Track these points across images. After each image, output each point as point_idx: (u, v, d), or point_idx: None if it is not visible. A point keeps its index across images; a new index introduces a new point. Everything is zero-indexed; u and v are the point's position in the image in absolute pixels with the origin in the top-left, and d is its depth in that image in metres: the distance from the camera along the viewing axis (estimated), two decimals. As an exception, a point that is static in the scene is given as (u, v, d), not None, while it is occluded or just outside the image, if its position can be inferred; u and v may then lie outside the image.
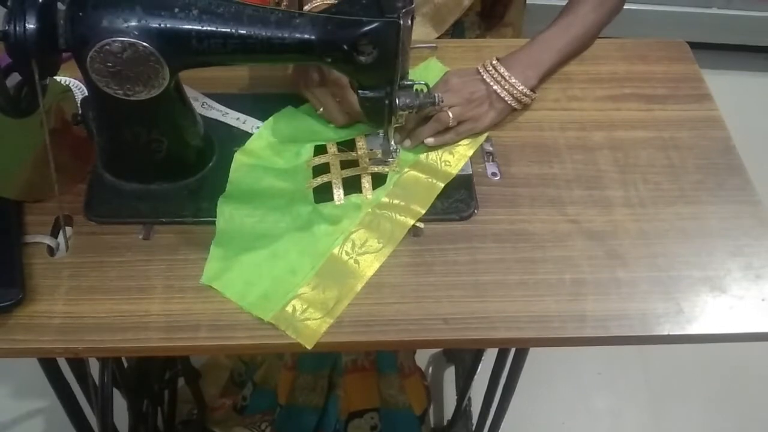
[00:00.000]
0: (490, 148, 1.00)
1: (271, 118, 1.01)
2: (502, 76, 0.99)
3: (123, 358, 1.22)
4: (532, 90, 1.01)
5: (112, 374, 1.11)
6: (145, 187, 0.92)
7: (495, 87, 0.99)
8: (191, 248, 0.88)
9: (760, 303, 0.86)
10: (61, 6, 0.77)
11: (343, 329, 0.82)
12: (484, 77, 1.00)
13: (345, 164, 0.96)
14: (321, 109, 1.00)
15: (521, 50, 1.04)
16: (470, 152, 0.99)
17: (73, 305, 0.83)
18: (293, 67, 1.02)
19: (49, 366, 1.01)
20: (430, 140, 0.97)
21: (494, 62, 1.00)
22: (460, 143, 0.99)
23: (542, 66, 1.03)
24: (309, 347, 0.81)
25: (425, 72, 1.07)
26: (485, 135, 1.01)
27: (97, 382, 1.09)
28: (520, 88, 0.99)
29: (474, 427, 1.44)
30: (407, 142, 0.98)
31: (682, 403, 1.75)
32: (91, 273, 0.85)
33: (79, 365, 1.07)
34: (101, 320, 0.81)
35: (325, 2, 1.00)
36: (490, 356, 1.26)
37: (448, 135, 0.98)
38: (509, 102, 1.00)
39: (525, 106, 1.03)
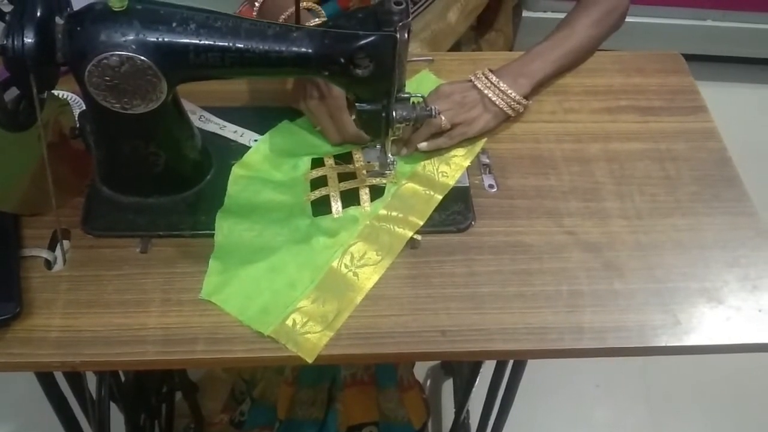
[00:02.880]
0: (487, 160, 1.01)
1: (268, 133, 1.01)
2: (493, 84, 1.00)
3: (120, 372, 1.22)
4: (525, 98, 1.02)
5: (109, 388, 1.11)
6: (143, 200, 0.92)
7: (487, 92, 1.00)
8: (189, 261, 0.88)
9: (757, 314, 0.86)
10: (59, 20, 0.77)
11: (341, 342, 0.82)
12: (476, 84, 1.01)
13: (343, 177, 0.96)
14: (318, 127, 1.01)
15: (514, 61, 1.05)
16: (467, 162, 0.99)
17: (71, 319, 0.82)
18: (294, 82, 1.03)
19: (46, 380, 1.00)
20: (423, 145, 0.98)
21: (485, 71, 1.01)
22: (456, 154, 1.00)
23: (535, 75, 1.03)
24: (310, 361, 0.80)
25: (419, 85, 1.08)
26: (481, 145, 1.01)
27: (94, 396, 1.09)
28: (512, 94, 1.00)
29: (472, 440, 1.44)
30: (404, 151, 0.98)
31: (681, 415, 1.75)
32: (88, 286, 0.85)
33: (76, 379, 1.07)
34: (99, 334, 0.81)
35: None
36: (488, 368, 1.25)
37: (441, 139, 0.98)
38: (501, 107, 1.00)
39: (518, 114, 1.03)
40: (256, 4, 1.04)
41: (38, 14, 0.75)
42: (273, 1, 1.04)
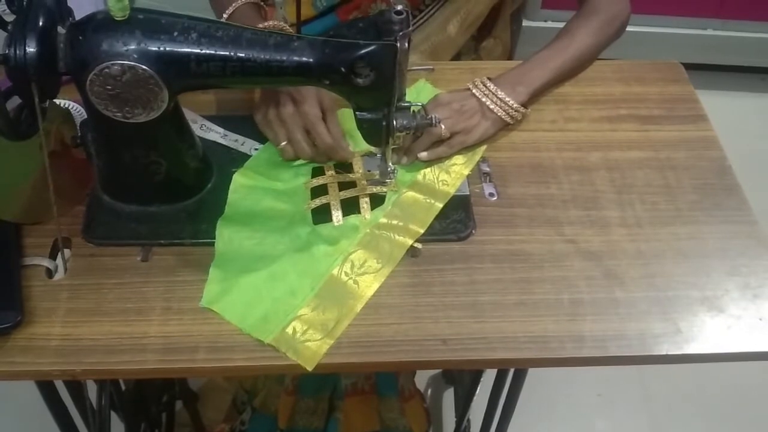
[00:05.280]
0: (487, 169, 1.01)
1: (269, 142, 1.01)
2: (491, 92, 1.00)
3: (121, 381, 1.22)
4: (523, 105, 1.02)
5: (109, 397, 1.11)
6: (144, 209, 0.92)
7: (485, 100, 1.00)
8: (189, 270, 0.88)
9: (757, 322, 0.86)
10: (61, 29, 0.77)
11: (342, 350, 0.82)
12: (474, 92, 1.01)
13: (343, 185, 0.96)
14: (284, 143, 0.98)
15: (513, 69, 1.05)
16: (467, 171, 0.99)
17: (71, 327, 0.82)
18: (261, 95, 1.01)
19: (47, 388, 1.00)
20: (423, 154, 0.98)
21: (483, 80, 1.02)
22: (456, 162, 1.00)
23: (533, 83, 1.04)
24: (309, 369, 0.80)
25: (417, 94, 1.08)
26: (481, 153, 1.01)
27: (94, 405, 1.09)
28: (510, 102, 1.00)
29: (473, 449, 1.44)
30: (404, 159, 0.99)
31: (682, 424, 1.74)
32: (89, 295, 0.85)
33: (76, 388, 1.07)
34: (99, 342, 0.81)
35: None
36: (489, 377, 1.25)
37: (441, 148, 0.99)
38: (500, 115, 1.01)
39: (517, 122, 1.04)
40: None
41: (40, 23, 0.75)
42: None
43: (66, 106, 1.00)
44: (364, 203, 0.94)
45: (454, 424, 1.52)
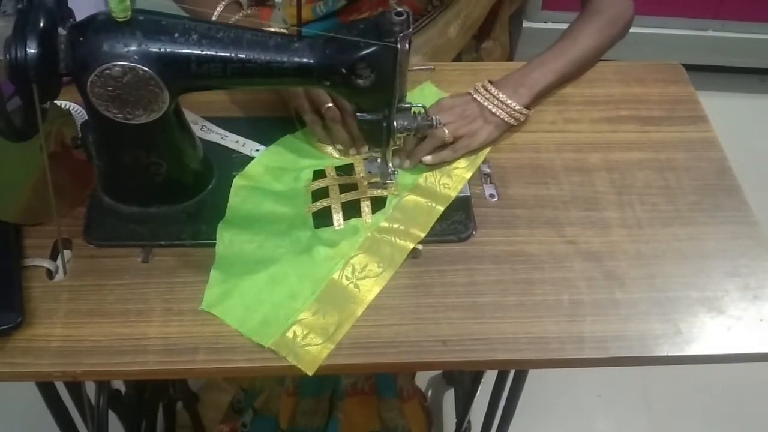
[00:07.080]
0: (488, 170, 1.01)
1: (270, 146, 1.01)
2: (493, 95, 1.00)
3: (121, 381, 1.21)
4: (526, 107, 1.02)
5: (107, 397, 1.11)
6: (144, 210, 0.92)
7: (486, 104, 1.00)
8: (190, 271, 0.88)
9: (758, 323, 0.86)
10: (61, 31, 0.78)
11: (342, 351, 0.82)
12: (476, 97, 1.01)
13: (344, 188, 0.96)
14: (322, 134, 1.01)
15: (516, 71, 1.05)
16: (468, 174, 0.99)
17: (72, 328, 0.82)
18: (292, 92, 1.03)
19: (47, 389, 1.00)
20: (427, 158, 0.98)
21: (485, 83, 1.02)
22: (458, 166, 1.00)
23: (535, 85, 1.04)
24: (310, 373, 0.80)
25: (421, 96, 1.08)
26: (483, 157, 1.01)
27: (95, 405, 1.09)
28: (512, 104, 1.00)
29: (474, 450, 1.44)
30: (407, 163, 0.99)
31: (683, 425, 1.74)
32: (89, 296, 0.85)
33: (76, 388, 1.07)
34: (99, 343, 0.81)
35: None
36: (489, 378, 1.25)
37: (445, 152, 0.99)
38: (502, 117, 1.01)
39: (520, 123, 1.03)
40: None
41: (41, 25, 0.75)
42: None
43: (66, 107, 1.00)
44: (365, 206, 0.94)
45: (455, 425, 1.52)
